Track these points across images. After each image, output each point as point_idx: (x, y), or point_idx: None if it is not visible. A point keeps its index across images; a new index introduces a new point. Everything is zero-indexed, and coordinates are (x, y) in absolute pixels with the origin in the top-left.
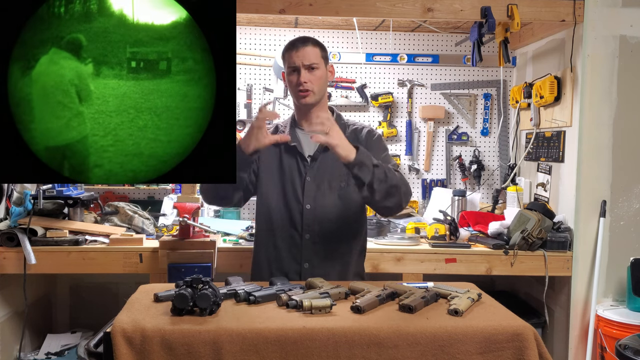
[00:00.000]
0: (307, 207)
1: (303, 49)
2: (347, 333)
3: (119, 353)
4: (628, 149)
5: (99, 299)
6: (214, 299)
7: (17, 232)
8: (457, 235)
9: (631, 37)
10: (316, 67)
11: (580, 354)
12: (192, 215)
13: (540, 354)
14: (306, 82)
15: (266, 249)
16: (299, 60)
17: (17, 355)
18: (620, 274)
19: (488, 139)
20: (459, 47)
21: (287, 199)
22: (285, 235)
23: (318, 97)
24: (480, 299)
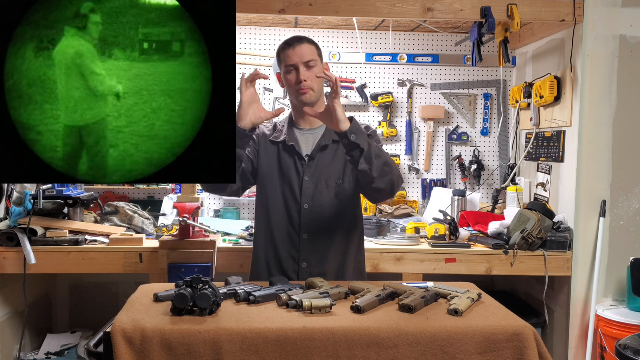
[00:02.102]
0: (305, 206)
1: (300, 46)
2: (347, 333)
3: (119, 353)
4: (628, 149)
5: (99, 299)
6: (214, 299)
7: (17, 232)
8: (457, 235)
9: (631, 37)
10: (314, 65)
11: (580, 354)
12: (192, 215)
13: (540, 354)
14: (306, 80)
15: (265, 249)
16: (297, 58)
17: (17, 355)
18: (620, 274)
19: (488, 139)
20: (459, 47)
21: (286, 199)
22: (283, 235)
23: (318, 95)
24: (480, 299)
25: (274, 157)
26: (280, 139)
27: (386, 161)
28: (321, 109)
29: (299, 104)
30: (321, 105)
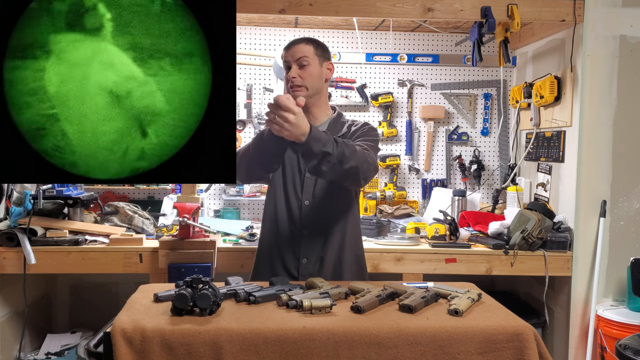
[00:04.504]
0: (306, 202)
1: (295, 46)
2: (347, 333)
3: (118, 353)
4: (628, 149)
5: (99, 299)
6: (214, 299)
7: (17, 232)
8: (457, 235)
9: (631, 37)
10: (307, 63)
11: (580, 354)
12: (192, 215)
13: (541, 354)
14: (294, 77)
15: (269, 245)
16: (290, 56)
17: (17, 355)
18: (620, 274)
19: (488, 139)
20: (459, 47)
21: (288, 195)
22: (285, 232)
23: (311, 93)
24: (480, 299)
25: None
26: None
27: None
28: (321, 107)
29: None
30: (321, 105)
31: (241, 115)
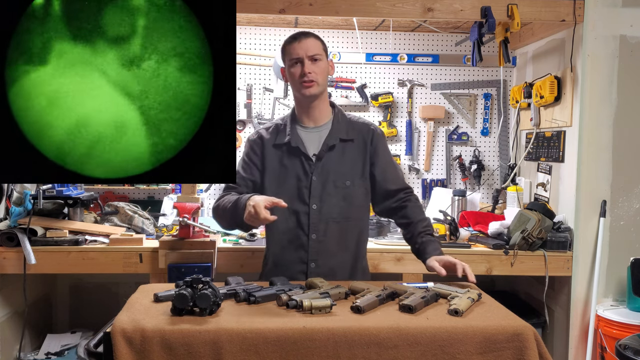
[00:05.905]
0: (314, 207)
1: (306, 40)
2: (347, 333)
3: (118, 353)
4: (628, 149)
5: (99, 299)
6: (214, 299)
7: (17, 232)
8: (457, 235)
9: (631, 37)
10: (319, 59)
11: (580, 354)
12: (192, 215)
13: (541, 354)
14: (310, 72)
15: (274, 251)
16: (303, 51)
17: (17, 355)
18: (620, 274)
19: (488, 139)
20: (459, 47)
21: (294, 200)
22: (292, 237)
23: (321, 89)
24: (480, 299)
25: (280, 159)
26: (285, 141)
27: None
28: (324, 104)
29: (303, 98)
30: (324, 101)
31: (241, 115)
